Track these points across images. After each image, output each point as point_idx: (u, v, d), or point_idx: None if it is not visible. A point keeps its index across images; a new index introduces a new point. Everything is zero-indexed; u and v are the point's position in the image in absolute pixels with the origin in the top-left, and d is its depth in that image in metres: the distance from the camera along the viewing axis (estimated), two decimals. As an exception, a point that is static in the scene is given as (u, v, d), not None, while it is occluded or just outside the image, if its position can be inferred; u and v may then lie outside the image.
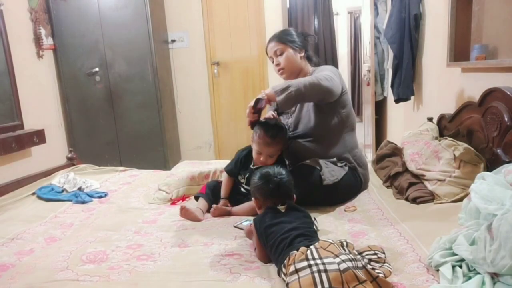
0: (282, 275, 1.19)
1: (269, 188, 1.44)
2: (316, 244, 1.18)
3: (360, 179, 2.02)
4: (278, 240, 1.27)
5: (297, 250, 1.18)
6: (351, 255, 1.14)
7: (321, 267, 1.07)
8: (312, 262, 1.10)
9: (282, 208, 1.40)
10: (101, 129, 3.86)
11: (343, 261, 1.08)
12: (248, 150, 1.97)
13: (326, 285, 1.03)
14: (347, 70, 6.96)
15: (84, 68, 3.73)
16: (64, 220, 1.92)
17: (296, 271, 1.10)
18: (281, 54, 2.02)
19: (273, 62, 2.08)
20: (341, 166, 1.92)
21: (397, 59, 2.99)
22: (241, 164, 1.97)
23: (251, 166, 1.93)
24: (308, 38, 2.12)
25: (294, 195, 1.50)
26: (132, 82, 3.81)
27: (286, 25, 4.31)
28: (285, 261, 1.18)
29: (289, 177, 1.50)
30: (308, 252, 1.14)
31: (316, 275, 1.06)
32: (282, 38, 2.04)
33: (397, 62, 3.00)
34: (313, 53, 2.15)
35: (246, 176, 1.94)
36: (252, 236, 1.47)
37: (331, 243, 1.17)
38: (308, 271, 1.08)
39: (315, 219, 1.53)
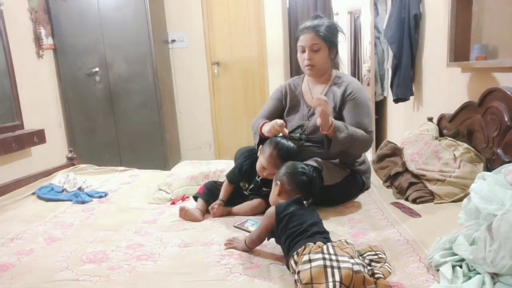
0: (292, 262, 1.19)
1: (302, 180, 1.47)
2: (334, 242, 1.20)
3: (362, 181, 2.01)
4: (301, 229, 1.28)
5: (315, 243, 1.19)
6: (362, 261, 1.16)
7: (334, 263, 1.08)
8: (327, 256, 1.11)
9: (305, 203, 1.43)
10: (101, 129, 3.86)
11: (357, 263, 1.10)
12: (252, 159, 1.91)
13: (337, 278, 1.04)
14: (347, 70, 6.95)
15: (84, 68, 3.73)
16: (64, 220, 1.92)
17: (310, 260, 1.11)
18: (317, 51, 1.91)
19: (302, 51, 1.94)
20: (343, 168, 1.92)
21: (396, 59, 2.99)
22: (245, 173, 1.92)
23: (257, 179, 1.90)
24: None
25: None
26: (132, 82, 3.81)
27: (286, 25, 4.31)
28: (299, 250, 1.19)
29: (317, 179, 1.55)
30: (325, 247, 1.16)
31: (329, 269, 1.07)
32: (326, 36, 1.90)
33: (396, 62, 3.00)
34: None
35: (251, 187, 1.92)
36: (239, 243, 1.47)
37: (348, 247, 1.19)
38: (321, 262, 1.09)
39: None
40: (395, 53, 2.98)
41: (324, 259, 1.10)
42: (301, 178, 1.48)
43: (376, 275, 1.15)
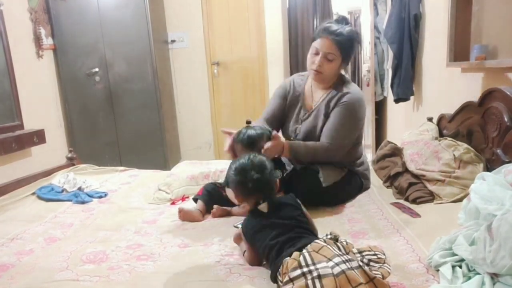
0: (279, 282, 1.17)
1: (248, 187, 1.33)
2: (309, 247, 1.15)
3: (360, 181, 2.02)
4: (267, 247, 1.25)
5: (290, 256, 1.16)
6: (345, 256, 1.12)
7: (314, 273, 1.06)
8: (305, 269, 1.08)
9: (264, 206, 1.33)
10: (101, 129, 3.86)
11: (337, 264, 1.07)
12: None
13: None
14: (347, 70, 6.96)
15: (84, 68, 3.73)
16: (64, 220, 1.92)
17: (291, 280, 1.09)
18: (331, 60, 1.82)
19: (315, 54, 1.84)
20: (340, 167, 1.92)
21: (396, 59, 2.99)
22: None
23: None
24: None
25: (278, 181, 1.41)
26: (132, 82, 3.81)
27: (286, 25, 4.31)
28: (279, 269, 1.17)
29: (268, 166, 1.37)
30: (301, 258, 1.12)
31: (310, 282, 1.05)
32: (344, 48, 1.82)
33: (396, 62, 3.00)
34: None
35: None
36: (241, 241, 1.45)
37: (324, 245, 1.14)
38: (302, 280, 1.07)
39: None
40: (395, 53, 2.98)
41: (303, 274, 1.07)
42: (245, 186, 1.34)
43: (375, 276, 1.14)
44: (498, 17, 1.93)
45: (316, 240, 1.19)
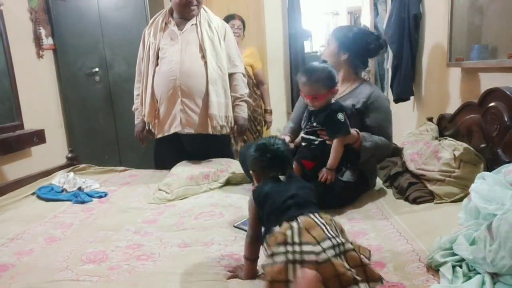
0: (264, 251, 1.14)
1: (267, 158, 1.32)
2: (301, 221, 1.11)
3: (366, 180, 2.02)
4: (275, 206, 1.20)
5: (288, 221, 1.12)
6: (337, 238, 1.07)
7: (297, 256, 1.03)
8: (289, 248, 1.04)
9: (283, 178, 1.30)
10: (101, 129, 3.85)
11: (324, 250, 1.03)
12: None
13: (298, 275, 1.00)
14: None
15: (84, 68, 3.72)
16: (64, 220, 1.92)
17: (272, 255, 1.07)
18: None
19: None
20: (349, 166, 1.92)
21: (396, 59, 2.99)
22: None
23: (308, 107, 1.90)
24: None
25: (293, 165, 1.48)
26: (132, 82, 3.78)
27: (286, 25, 4.31)
28: (267, 237, 1.13)
29: (285, 146, 1.39)
30: (289, 233, 1.08)
31: (290, 265, 1.02)
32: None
33: (396, 62, 3.00)
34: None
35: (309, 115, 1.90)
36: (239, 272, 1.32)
37: (318, 224, 1.10)
38: (282, 257, 1.04)
39: None
40: (395, 53, 2.98)
41: (286, 252, 1.04)
42: (264, 157, 1.33)
43: (367, 263, 1.09)
44: (498, 17, 1.93)
45: (311, 215, 1.13)
